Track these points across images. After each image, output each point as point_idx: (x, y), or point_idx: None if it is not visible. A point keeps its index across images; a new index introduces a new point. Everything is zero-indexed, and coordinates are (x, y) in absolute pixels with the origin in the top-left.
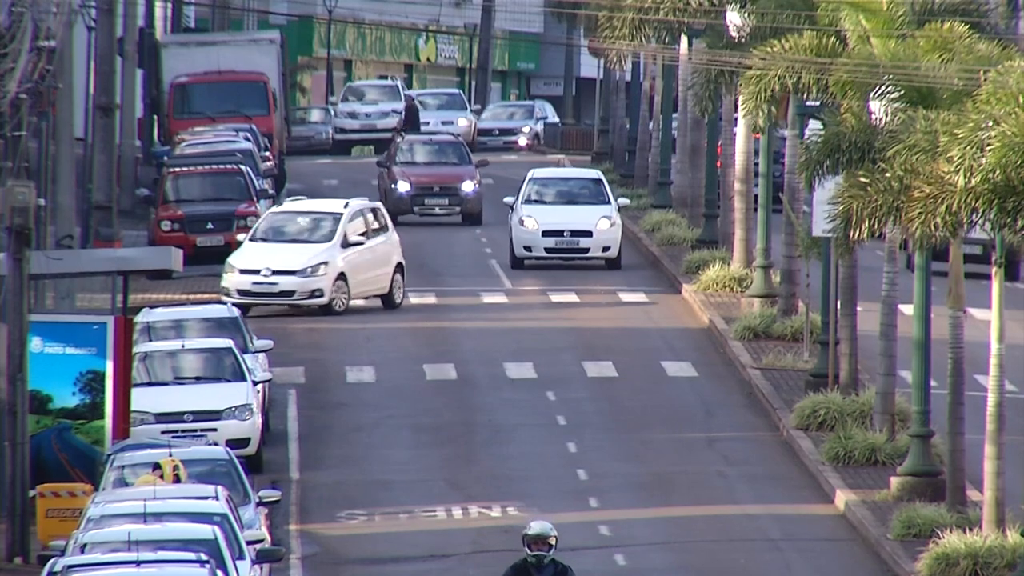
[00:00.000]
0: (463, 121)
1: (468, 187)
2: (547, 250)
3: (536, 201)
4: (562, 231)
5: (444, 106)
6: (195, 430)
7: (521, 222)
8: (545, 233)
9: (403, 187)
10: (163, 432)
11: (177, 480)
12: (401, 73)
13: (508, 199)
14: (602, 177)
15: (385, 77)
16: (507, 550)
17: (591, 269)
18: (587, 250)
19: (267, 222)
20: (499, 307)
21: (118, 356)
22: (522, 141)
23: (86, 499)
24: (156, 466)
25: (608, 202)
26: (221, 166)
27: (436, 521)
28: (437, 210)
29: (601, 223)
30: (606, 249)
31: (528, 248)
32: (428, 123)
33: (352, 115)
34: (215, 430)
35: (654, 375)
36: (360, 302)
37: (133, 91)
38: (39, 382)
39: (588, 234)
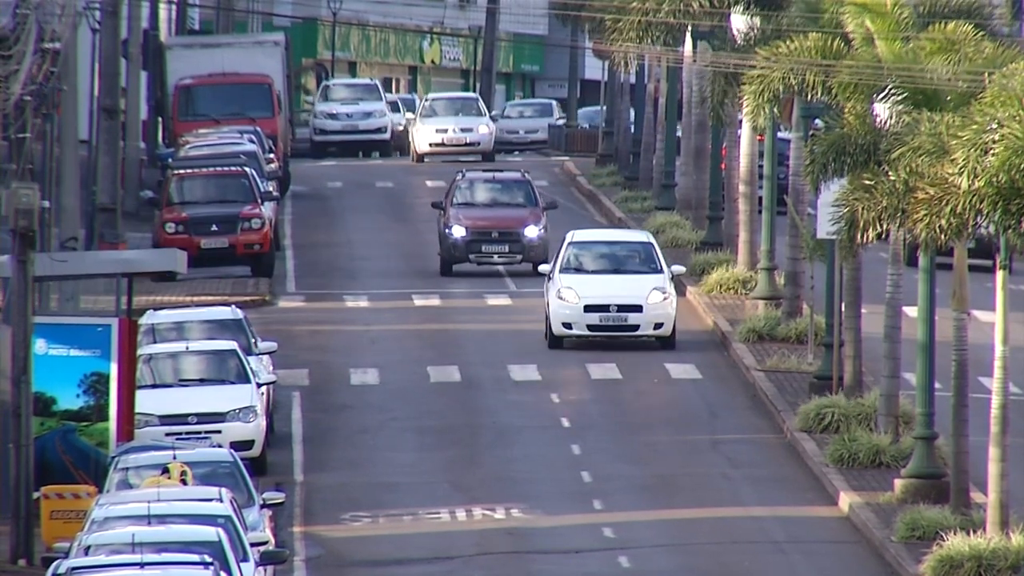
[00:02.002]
0: (483, 128)
1: (532, 232)
2: (590, 327)
3: (576, 269)
4: (607, 305)
5: (461, 111)
6: (199, 432)
7: (559, 295)
8: (588, 308)
9: (458, 232)
10: (167, 434)
11: (184, 484)
12: (406, 75)
13: (543, 267)
14: (653, 241)
15: (389, 82)
16: (511, 552)
17: (642, 348)
18: (636, 327)
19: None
20: (504, 309)
21: (122, 358)
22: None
23: (90, 501)
24: (164, 469)
25: (660, 270)
26: (225, 168)
27: (440, 523)
28: (496, 258)
29: (653, 295)
30: (659, 326)
31: (568, 325)
32: (445, 130)
33: (332, 116)
34: (219, 432)
35: (658, 377)
36: (364, 303)
37: (138, 93)
38: (43, 384)
39: (638, 309)
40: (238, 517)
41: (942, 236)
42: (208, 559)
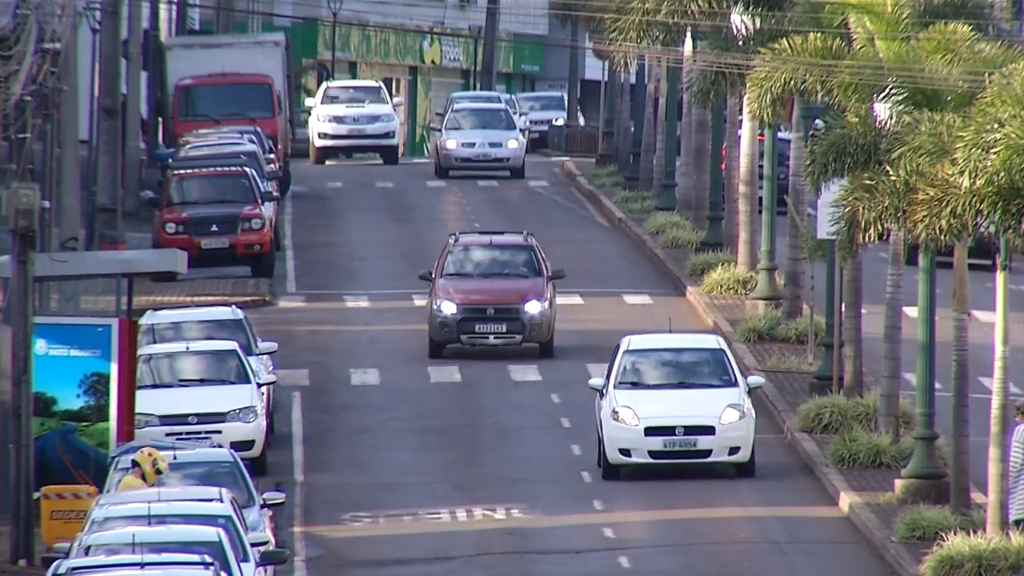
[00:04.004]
0: (513, 143)
1: (533, 308)
2: (652, 454)
3: (634, 384)
4: (673, 427)
5: (488, 124)
6: (199, 432)
7: (615, 415)
8: (649, 431)
9: (448, 308)
10: (167, 434)
11: (158, 472)
12: (406, 75)
13: (595, 381)
14: (724, 346)
15: (389, 83)
16: (511, 552)
17: (715, 478)
18: (708, 453)
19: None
20: None
21: (123, 358)
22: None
23: (90, 501)
24: (134, 464)
25: (734, 382)
26: (225, 168)
27: (440, 523)
28: (491, 339)
29: (727, 414)
30: (734, 451)
31: (626, 452)
32: (473, 144)
33: (337, 119)
34: (219, 432)
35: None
36: (364, 303)
37: (138, 93)
38: (43, 384)
39: (709, 431)
40: (238, 517)
41: (942, 236)
42: (208, 559)
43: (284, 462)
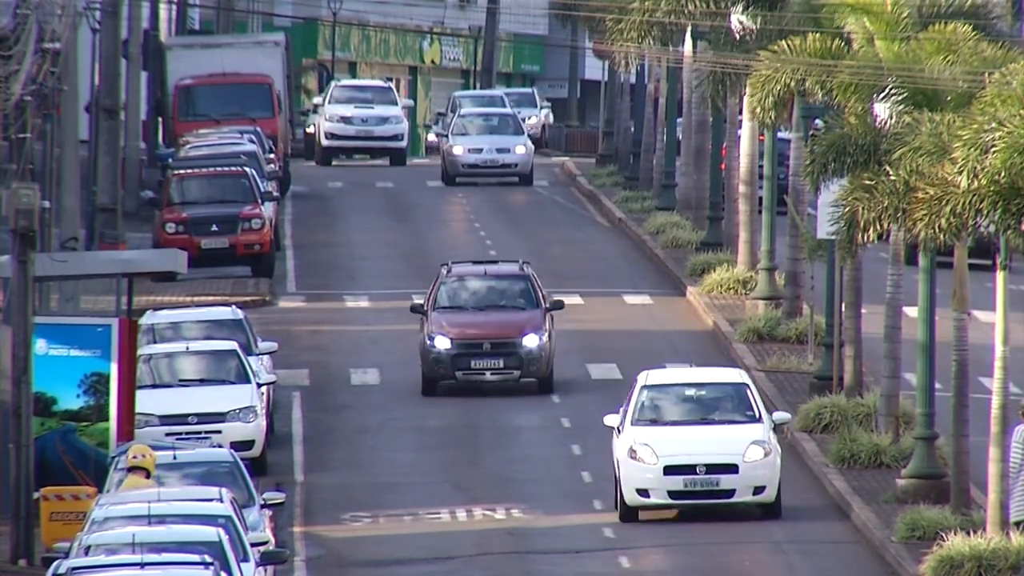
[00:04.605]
0: (521, 148)
1: (531, 342)
2: (672, 494)
3: (652, 421)
4: (694, 466)
5: (496, 130)
6: (199, 432)
7: (632, 454)
8: (669, 470)
9: (441, 344)
10: (167, 434)
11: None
12: (406, 75)
13: (610, 418)
14: (748, 380)
15: (388, 79)
16: (511, 552)
17: (740, 520)
18: (731, 492)
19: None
20: None
21: (123, 358)
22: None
23: (90, 502)
24: (132, 468)
25: (758, 418)
26: (226, 168)
27: (440, 523)
28: (488, 375)
29: (751, 452)
30: (759, 490)
31: (644, 492)
32: (480, 150)
33: (346, 120)
34: (219, 432)
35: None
36: (364, 303)
37: (138, 93)
38: (43, 384)
39: (732, 469)
40: (238, 517)
41: (942, 236)
42: (208, 559)
43: (284, 462)
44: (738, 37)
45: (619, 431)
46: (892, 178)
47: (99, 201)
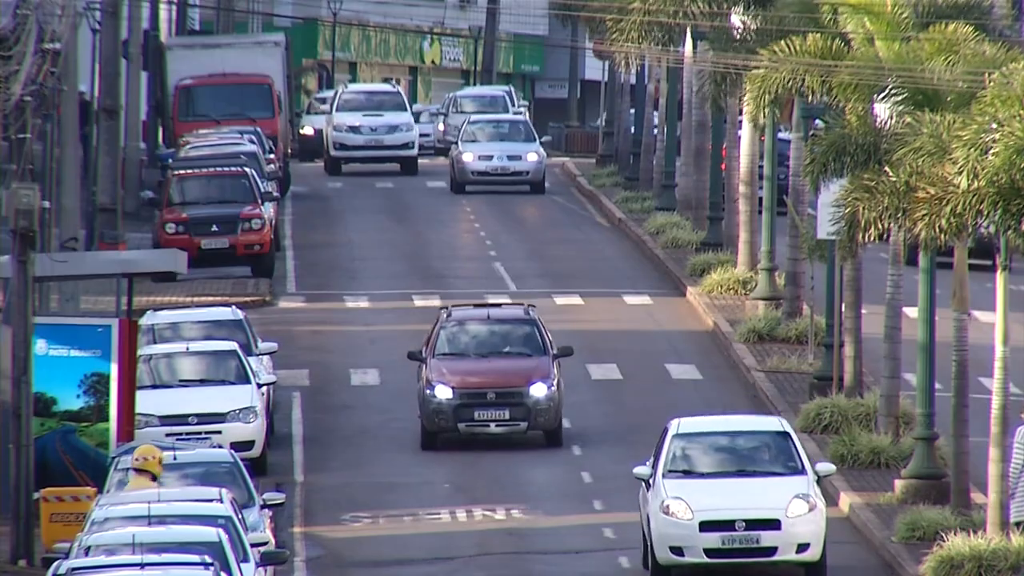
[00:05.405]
0: (532, 156)
1: (539, 391)
2: (709, 552)
3: (686, 472)
4: (732, 522)
5: (506, 136)
6: (199, 433)
7: (665, 508)
8: (705, 525)
9: (443, 393)
10: (167, 434)
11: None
12: (406, 75)
13: (640, 470)
14: (789, 428)
15: (388, 80)
16: (511, 553)
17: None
18: (773, 550)
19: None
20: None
21: (123, 359)
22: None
23: (90, 503)
24: (138, 471)
25: (802, 469)
26: (225, 169)
27: (440, 524)
28: (493, 427)
29: (794, 506)
30: (803, 547)
31: (678, 550)
32: (491, 157)
33: (354, 129)
34: (219, 432)
35: (658, 378)
36: (364, 303)
37: (138, 93)
38: (43, 385)
39: (774, 525)
40: (238, 518)
41: (942, 236)
42: (208, 560)
43: (284, 462)
44: (738, 37)
45: (649, 484)
46: (892, 178)
47: (99, 201)
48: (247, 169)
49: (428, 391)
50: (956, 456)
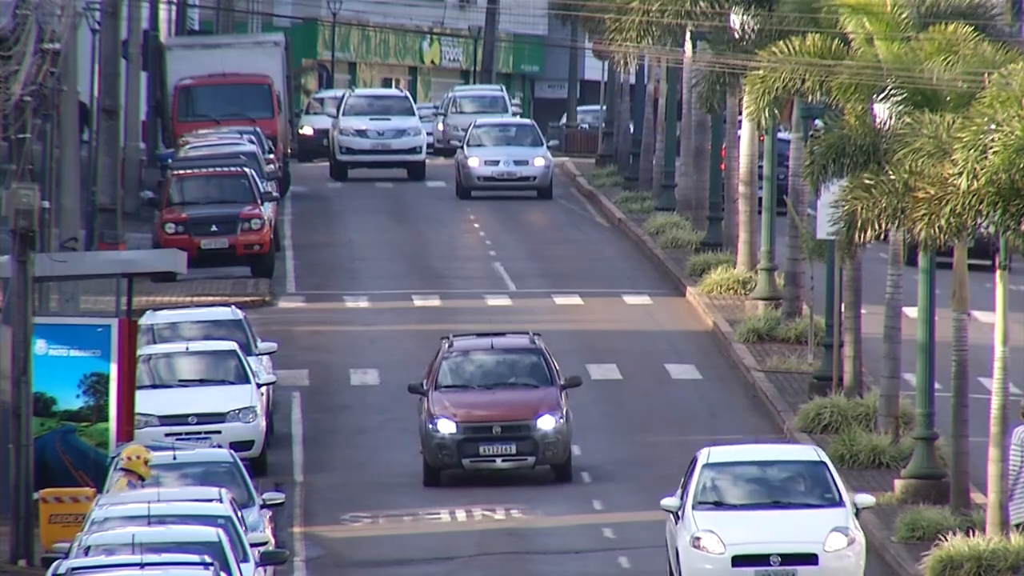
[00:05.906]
0: (540, 160)
1: (547, 424)
2: None
3: (717, 504)
4: (767, 556)
5: (513, 140)
6: (199, 433)
7: (695, 542)
8: (738, 560)
9: (446, 427)
10: (167, 434)
11: (146, 462)
12: (405, 75)
13: (668, 501)
14: (825, 458)
15: (389, 83)
16: (511, 553)
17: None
18: None
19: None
20: (503, 310)
21: (122, 359)
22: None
23: (89, 504)
24: (126, 471)
25: (839, 502)
26: (225, 169)
27: (440, 524)
28: (499, 462)
29: (832, 539)
30: None
31: None
32: (497, 162)
33: (361, 133)
34: (219, 432)
35: (658, 378)
36: (364, 303)
37: (137, 94)
38: (43, 384)
39: (811, 560)
40: (238, 517)
41: (942, 236)
42: (208, 559)
43: (284, 462)
44: (738, 37)
45: (678, 517)
46: (892, 178)
47: (99, 201)
48: (247, 169)
49: (430, 425)
50: (956, 456)
